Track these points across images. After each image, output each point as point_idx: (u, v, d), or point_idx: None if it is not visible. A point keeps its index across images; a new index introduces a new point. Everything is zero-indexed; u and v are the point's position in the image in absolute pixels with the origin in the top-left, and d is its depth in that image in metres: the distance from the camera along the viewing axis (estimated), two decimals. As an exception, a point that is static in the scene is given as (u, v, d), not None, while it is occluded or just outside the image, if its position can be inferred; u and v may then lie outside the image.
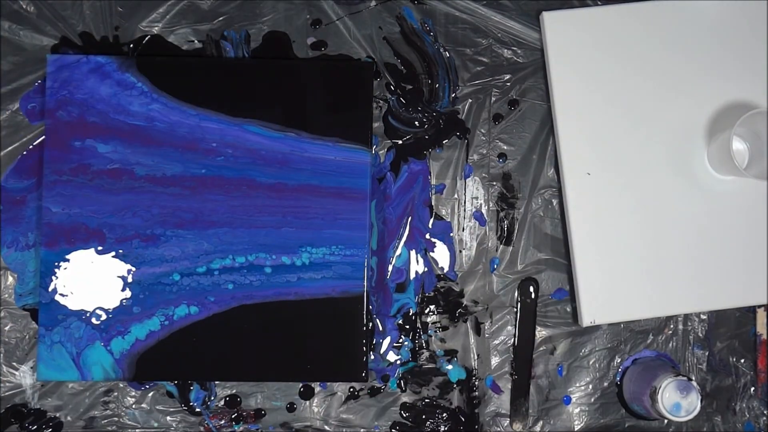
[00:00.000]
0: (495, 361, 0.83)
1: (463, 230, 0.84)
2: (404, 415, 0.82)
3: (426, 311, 0.83)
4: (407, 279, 0.83)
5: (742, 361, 0.83)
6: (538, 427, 0.83)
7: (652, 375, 0.77)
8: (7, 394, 0.80)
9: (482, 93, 0.84)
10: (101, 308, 0.79)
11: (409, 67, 0.84)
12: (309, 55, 0.84)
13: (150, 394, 0.81)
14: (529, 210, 0.84)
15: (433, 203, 0.83)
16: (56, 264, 0.79)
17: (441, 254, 0.83)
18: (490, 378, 0.83)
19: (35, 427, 0.80)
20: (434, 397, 0.82)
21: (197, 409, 0.81)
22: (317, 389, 0.82)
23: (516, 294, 0.83)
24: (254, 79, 0.81)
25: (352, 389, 0.82)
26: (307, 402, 0.82)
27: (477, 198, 0.84)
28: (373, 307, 0.82)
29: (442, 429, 0.82)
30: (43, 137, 0.80)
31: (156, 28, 0.83)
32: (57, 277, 0.78)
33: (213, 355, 0.79)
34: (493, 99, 0.84)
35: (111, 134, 0.79)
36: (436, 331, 0.83)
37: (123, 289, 0.79)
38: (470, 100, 0.84)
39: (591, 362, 0.83)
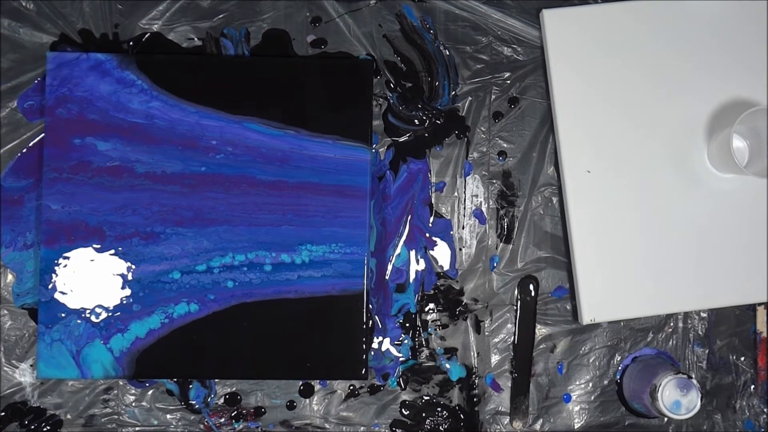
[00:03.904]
0: (495, 359, 0.83)
1: (463, 228, 0.84)
2: (404, 413, 0.82)
3: (426, 309, 0.83)
4: (407, 280, 0.83)
5: (742, 359, 0.83)
6: (538, 425, 0.83)
7: (652, 373, 0.77)
8: (7, 391, 0.80)
9: (482, 91, 0.84)
10: (101, 306, 0.79)
11: (409, 65, 0.84)
12: (309, 53, 0.84)
13: (150, 392, 0.81)
14: (529, 208, 0.84)
15: (433, 201, 0.83)
16: (56, 262, 0.78)
17: (441, 252, 0.83)
18: (490, 376, 0.83)
19: (35, 425, 0.80)
20: (434, 395, 0.82)
21: (197, 407, 0.81)
22: (317, 387, 0.82)
23: (516, 292, 0.83)
24: (254, 77, 0.80)
25: (352, 387, 0.82)
26: (307, 400, 0.82)
27: (477, 196, 0.84)
28: (373, 307, 0.82)
29: (442, 427, 0.82)
30: (43, 135, 0.80)
31: (156, 26, 0.83)
32: (57, 275, 0.78)
33: (213, 353, 0.79)
34: (493, 97, 0.84)
35: (111, 132, 0.79)
36: (436, 329, 0.83)
37: (123, 287, 0.79)
38: (470, 98, 0.84)
39: (591, 360, 0.83)
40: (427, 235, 0.83)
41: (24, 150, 0.81)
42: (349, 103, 0.81)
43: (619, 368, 0.83)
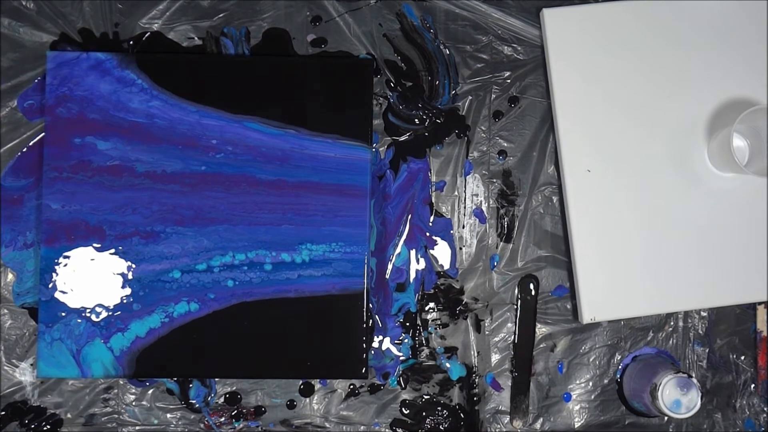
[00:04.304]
0: (495, 358, 0.83)
1: (463, 227, 0.84)
2: (404, 412, 0.82)
3: (426, 308, 0.83)
4: (407, 279, 0.83)
5: (743, 358, 0.83)
6: (538, 425, 0.83)
7: (653, 372, 0.77)
8: (7, 391, 0.80)
9: (482, 90, 0.84)
10: (101, 305, 0.79)
11: (410, 64, 0.84)
12: (309, 52, 0.84)
13: (150, 392, 0.81)
14: (529, 207, 0.84)
15: (433, 200, 0.83)
16: (56, 261, 0.78)
17: (441, 252, 0.83)
18: (491, 375, 0.83)
19: (35, 424, 0.80)
20: (434, 394, 0.82)
21: (197, 407, 0.81)
22: (317, 386, 0.82)
23: (516, 291, 0.83)
24: (254, 76, 0.80)
25: (352, 386, 0.82)
26: (307, 399, 0.82)
27: (477, 195, 0.84)
28: (373, 306, 0.82)
29: (443, 426, 0.82)
30: (43, 134, 0.80)
31: (156, 25, 0.83)
32: (57, 275, 0.78)
33: (213, 352, 0.79)
34: (493, 96, 0.84)
35: (111, 131, 0.79)
36: (436, 329, 0.83)
37: (123, 287, 0.79)
38: (470, 97, 0.84)
39: (591, 359, 0.83)
40: (428, 234, 0.83)
41: (24, 149, 0.81)
42: (349, 103, 0.81)
43: (620, 367, 0.83)
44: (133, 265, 0.79)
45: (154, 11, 0.83)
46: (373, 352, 0.82)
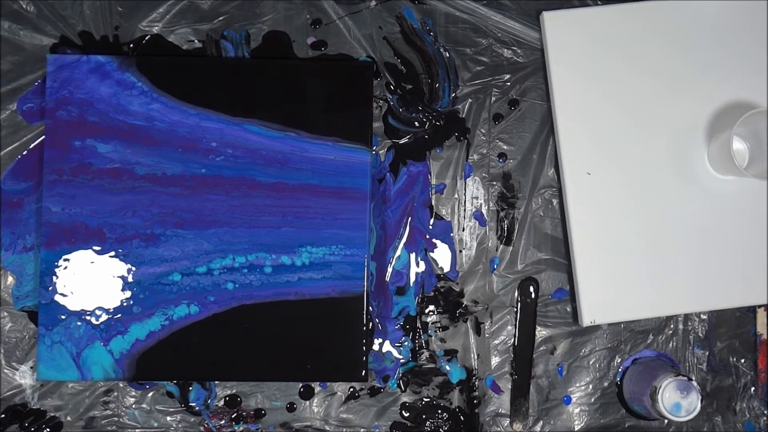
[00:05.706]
0: (495, 361, 0.83)
1: (463, 230, 0.84)
2: (404, 415, 0.82)
3: (426, 311, 0.83)
4: (407, 282, 0.83)
5: (743, 361, 0.83)
6: (538, 427, 0.83)
7: (653, 375, 0.77)
8: (7, 393, 0.80)
9: (482, 93, 0.84)
10: (101, 308, 0.79)
11: (409, 67, 0.84)
12: (309, 55, 0.84)
13: (150, 394, 0.81)
14: (529, 210, 0.84)
15: (433, 203, 0.83)
16: (56, 264, 0.78)
17: (441, 254, 0.83)
18: (491, 378, 0.83)
19: (35, 427, 0.80)
20: (434, 397, 0.82)
21: (197, 409, 0.81)
22: (317, 389, 0.82)
23: (516, 294, 0.83)
24: (254, 79, 0.80)
25: (352, 389, 0.82)
26: (307, 402, 0.82)
27: (477, 198, 0.84)
28: (373, 310, 0.82)
29: (442, 429, 0.82)
30: (43, 137, 0.80)
31: (156, 28, 0.83)
32: (57, 277, 0.78)
33: (213, 355, 0.79)
34: (493, 99, 0.84)
35: (111, 134, 0.79)
36: (436, 331, 0.83)
37: (123, 289, 0.79)
38: (470, 100, 0.84)
39: (591, 362, 0.83)
40: (428, 237, 0.83)
41: (24, 152, 0.81)
42: (349, 105, 0.81)
43: (620, 370, 0.83)
44: (133, 268, 0.79)
45: (154, 14, 0.83)
46: (373, 354, 0.82)
